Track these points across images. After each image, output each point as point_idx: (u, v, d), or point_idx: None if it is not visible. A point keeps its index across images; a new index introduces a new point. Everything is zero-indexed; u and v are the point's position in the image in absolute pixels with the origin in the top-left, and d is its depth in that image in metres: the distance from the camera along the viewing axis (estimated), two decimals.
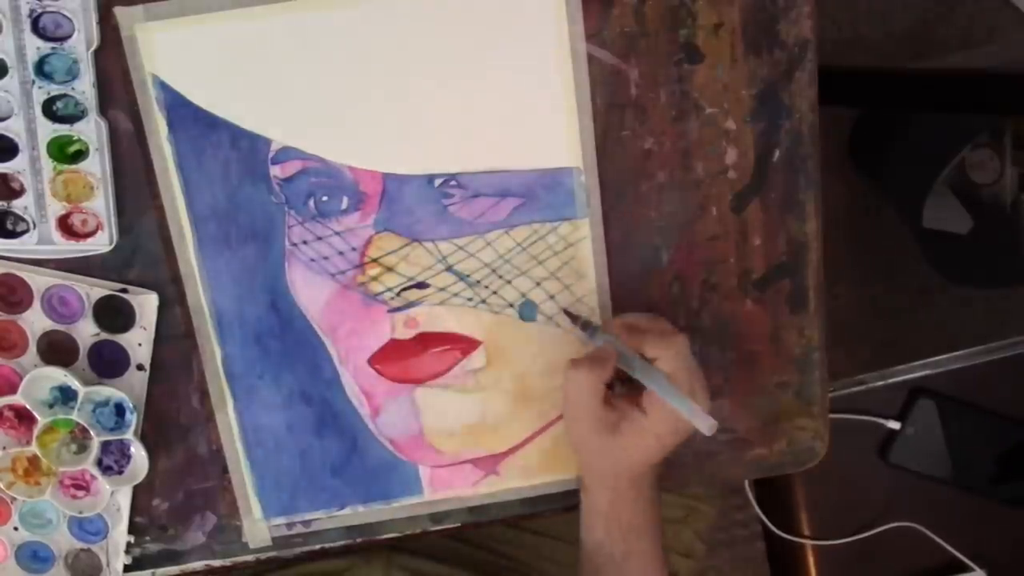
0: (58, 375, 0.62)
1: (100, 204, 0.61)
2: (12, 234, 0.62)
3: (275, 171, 0.62)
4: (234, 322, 0.64)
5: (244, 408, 0.66)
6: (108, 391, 0.63)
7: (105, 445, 0.64)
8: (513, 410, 0.66)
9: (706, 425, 0.57)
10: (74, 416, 0.62)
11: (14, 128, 0.59)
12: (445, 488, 0.68)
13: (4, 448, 0.63)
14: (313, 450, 0.66)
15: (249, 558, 0.69)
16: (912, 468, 0.96)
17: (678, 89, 0.62)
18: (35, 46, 0.58)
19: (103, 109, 0.60)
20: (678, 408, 0.58)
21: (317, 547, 0.69)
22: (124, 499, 0.66)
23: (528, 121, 0.62)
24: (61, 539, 0.66)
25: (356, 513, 0.68)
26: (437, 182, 0.62)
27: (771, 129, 0.63)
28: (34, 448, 0.63)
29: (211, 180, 0.62)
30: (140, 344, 0.63)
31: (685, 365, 0.59)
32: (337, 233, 0.63)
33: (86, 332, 0.63)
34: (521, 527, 0.80)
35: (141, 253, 0.63)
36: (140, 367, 0.64)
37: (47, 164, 0.60)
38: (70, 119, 0.59)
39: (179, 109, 0.60)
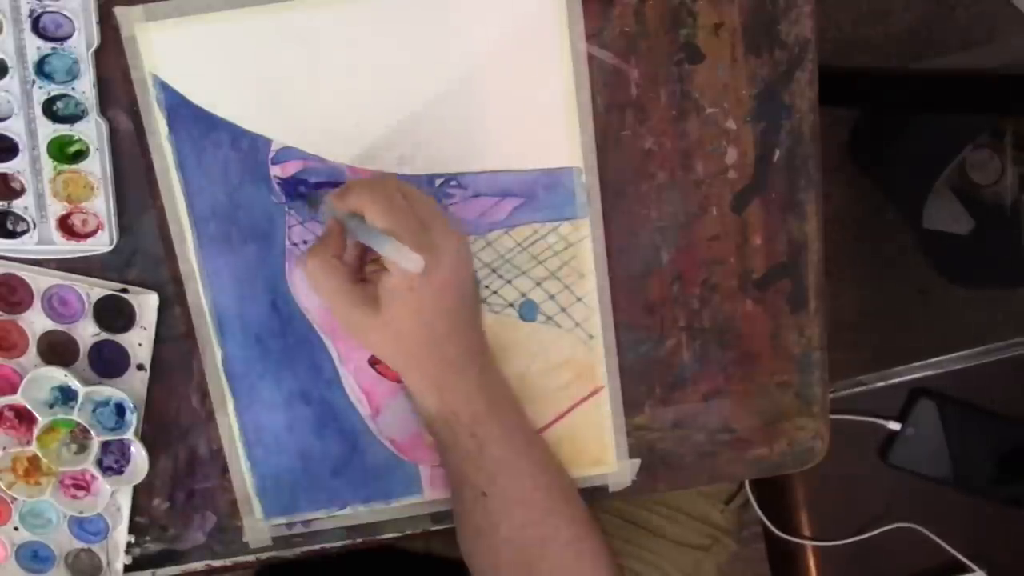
0: (58, 375, 0.62)
1: (100, 204, 0.61)
2: (12, 234, 0.62)
3: (275, 171, 0.62)
4: (234, 322, 0.64)
5: (244, 408, 0.66)
6: (108, 391, 0.63)
7: (105, 445, 0.64)
8: None
9: (410, 262, 0.53)
10: (74, 416, 0.62)
11: (14, 128, 0.59)
12: (445, 488, 0.67)
13: (4, 448, 0.63)
14: (313, 450, 0.66)
15: (249, 558, 0.69)
16: (912, 469, 0.96)
17: (678, 89, 0.62)
18: (35, 46, 0.58)
19: (103, 109, 0.60)
20: (385, 253, 0.54)
21: (317, 547, 0.69)
22: (124, 499, 0.66)
23: (528, 121, 0.62)
24: (61, 539, 0.66)
25: (356, 513, 0.68)
26: (437, 182, 0.62)
27: (771, 129, 0.63)
28: (34, 448, 0.63)
29: (211, 180, 0.62)
30: (140, 344, 0.63)
31: (388, 207, 0.54)
32: None
33: (86, 332, 0.63)
34: None
35: (141, 253, 0.63)
36: (140, 367, 0.64)
37: (47, 164, 0.60)
38: (70, 119, 0.59)
39: (179, 109, 0.60)
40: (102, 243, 0.61)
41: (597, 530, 0.63)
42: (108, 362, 0.64)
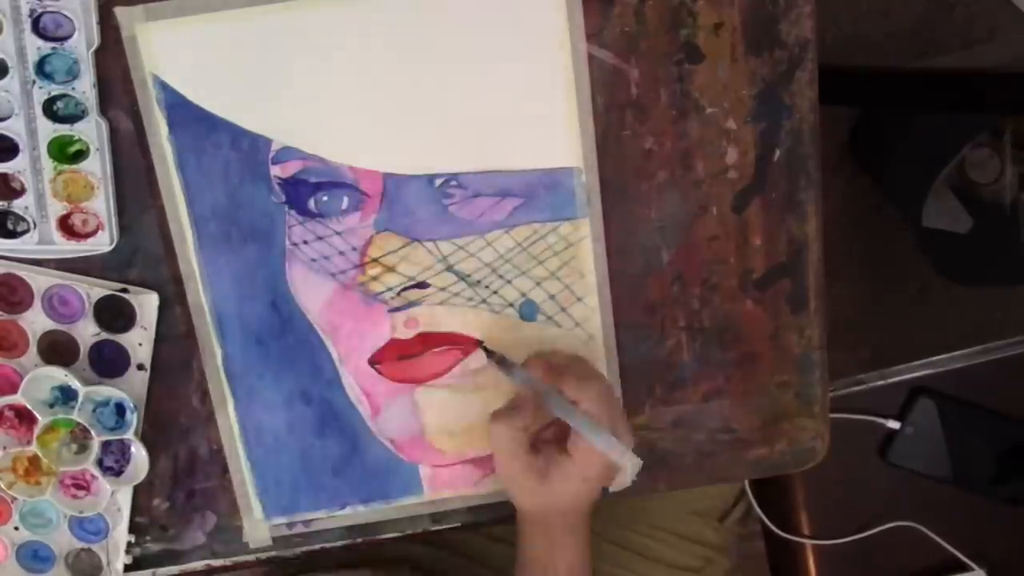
0: (59, 375, 0.62)
1: (100, 204, 0.61)
2: (12, 234, 0.62)
3: (275, 171, 0.62)
4: (234, 322, 0.64)
5: (244, 408, 0.66)
6: (108, 391, 0.63)
7: (105, 445, 0.64)
8: None
9: (631, 463, 0.56)
10: (74, 416, 0.62)
11: (14, 128, 0.59)
12: (445, 488, 0.68)
13: (4, 448, 0.63)
14: (313, 450, 0.66)
15: (249, 558, 0.69)
16: (912, 468, 0.96)
17: (678, 89, 0.62)
18: (35, 46, 0.58)
19: (103, 109, 0.60)
20: (601, 446, 0.56)
21: (317, 547, 0.69)
22: (124, 499, 0.66)
23: (528, 121, 0.62)
24: (61, 539, 0.66)
25: (356, 513, 0.68)
26: (437, 182, 0.62)
27: (771, 129, 0.63)
28: (34, 448, 0.63)
29: (211, 180, 0.62)
30: (140, 344, 0.63)
31: (606, 403, 0.58)
32: (337, 233, 0.63)
33: (86, 332, 0.63)
34: None
35: (141, 253, 0.63)
36: (140, 367, 0.64)
37: (47, 164, 0.60)
38: (70, 119, 0.59)
39: (179, 109, 0.60)
40: (102, 243, 0.61)
41: None
42: (108, 362, 0.64)
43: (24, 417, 0.63)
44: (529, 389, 0.60)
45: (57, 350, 0.63)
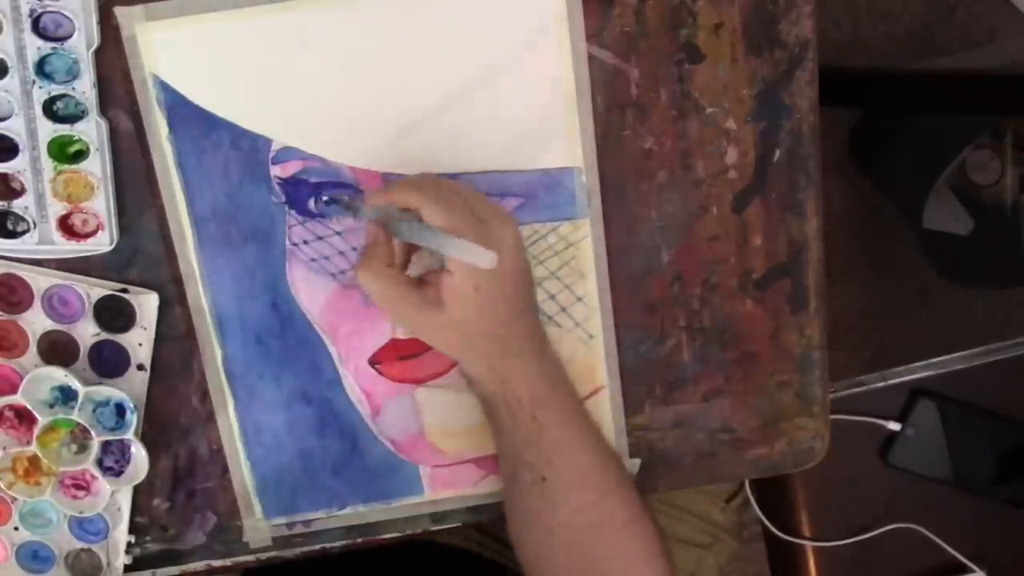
0: (58, 375, 0.62)
1: (100, 204, 0.61)
2: (12, 234, 0.62)
3: (275, 171, 0.62)
4: (234, 322, 0.64)
5: (244, 408, 0.66)
6: (108, 391, 0.63)
7: (105, 445, 0.64)
8: None
9: (484, 258, 0.53)
10: (74, 416, 0.62)
11: (14, 128, 0.59)
12: (446, 488, 0.68)
13: (4, 448, 0.63)
14: (314, 450, 0.66)
15: (250, 558, 0.69)
16: (912, 469, 0.96)
17: (679, 89, 0.62)
18: (35, 46, 0.58)
19: (103, 109, 0.60)
20: (449, 251, 0.53)
21: (317, 547, 0.69)
22: (124, 499, 0.66)
23: (528, 121, 0.62)
24: (61, 539, 0.66)
25: (356, 513, 0.68)
26: None
27: (771, 129, 0.63)
28: (34, 448, 0.63)
29: (211, 180, 0.62)
30: (140, 344, 0.63)
31: (446, 205, 0.54)
32: (337, 233, 0.63)
33: (86, 332, 0.63)
34: None
35: (141, 253, 0.63)
36: (140, 367, 0.64)
37: (47, 164, 0.60)
38: (70, 119, 0.59)
39: (179, 109, 0.60)
40: (102, 243, 0.61)
41: (648, 512, 0.63)
42: (108, 362, 0.64)
43: (24, 417, 0.63)
44: (373, 223, 0.57)
45: (57, 350, 0.63)
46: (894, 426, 0.95)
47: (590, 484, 0.61)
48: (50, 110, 0.59)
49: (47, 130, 0.59)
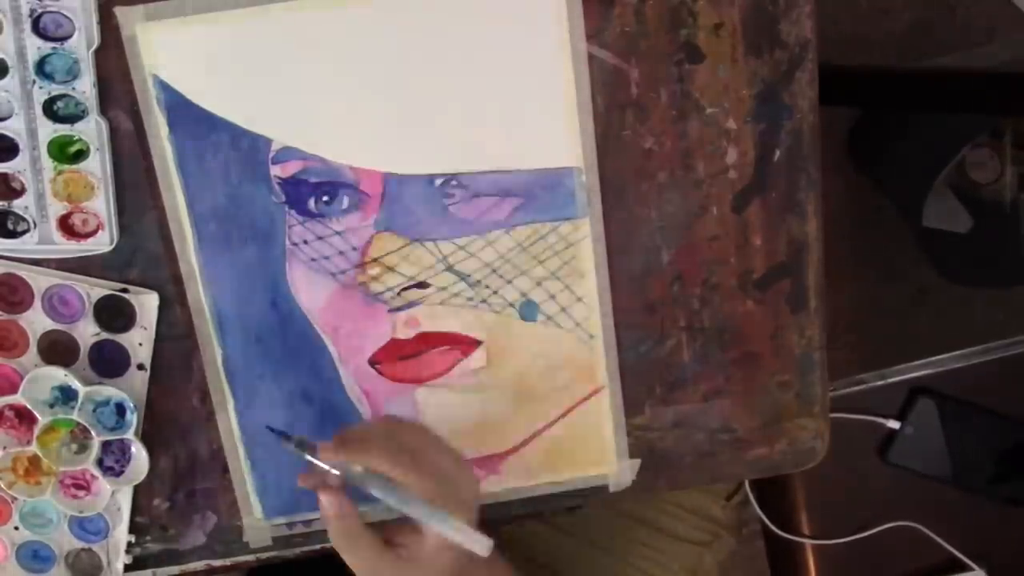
0: (59, 375, 0.62)
1: (100, 204, 0.61)
2: (13, 234, 0.62)
3: (275, 171, 0.62)
4: (235, 322, 0.64)
5: (244, 408, 0.66)
6: (108, 391, 0.63)
7: (105, 445, 0.64)
8: (514, 410, 0.66)
9: (481, 546, 0.51)
10: (74, 416, 0.62)
11: (14, 128, 0.59)
12: None
13: (5, 448, 0.63)
14: None
15: (249, 558, 0.69)
16: (912, 468, 0.96)
17: (679, 89, 0.62)
18: (35, 46, 0.58)
19: (103, 109, 0.60)
20: (443, 530, 0.51)
21: (317, 547, 0.69)
22: (124, 499, 0.66)
23: (528, 121, 0.62)
24: (62, 539, 0.66)
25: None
26: (438, 182, 0.62)
27: (772, 129, 0.63)
28: (35, 448, 0.63)
29: (211, 180, 0.62)
30: (140, 344, 0.63)
31: (411, 468, 0.51)
32: (338, 233, 0.63)
33: (87, 332, 0.63)
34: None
35: (141, 253, 0.63)
36: (140, 367, 0.64)
37: (48, 164, 0.60)
38: (71, 119, 0.59)
39: (179, 109, 0.60)
40: (102, 243, 0.61)
41: None
42: (108, 362, 0.64)
43: (24, 417, 0.63)
44: (328, 490, 0.54)
45: (57, 350, 0.63)
46: (893, 424, 0.95)
47: None
48: (50, 110, 0.59)
49: (47, 130, 0.59)
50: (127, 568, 0.67)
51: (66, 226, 0.61)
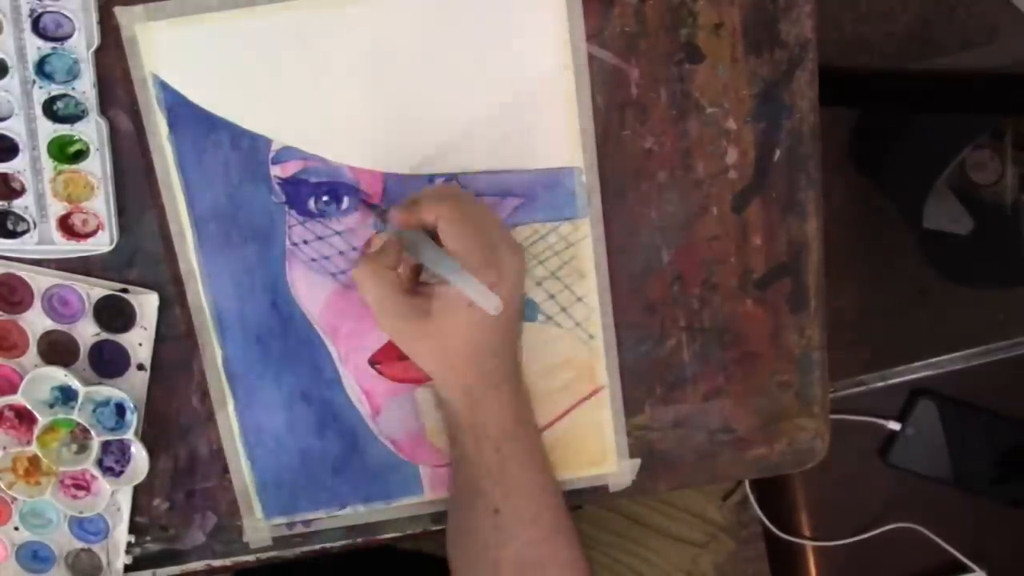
0: (58, 375, 0.62)
1: (100, 204, 0.61)
2: (12, 234, 0.62)
3: (275, 171, 0.62)
4: (235, 322, 0.64)
5: (244, 408, 0.66)
6: (108, 391, 0.63)
7: (105, 445, 0.64)
8: None
9: (490, 304, 0.54)
10: (74, 416, 0.62)
11: (14, 128, 0.59)
12: (446, 488, 0.67)
13: (4, 448, 0.63)
14: (314, 450, 0.66)
15: (250, 558, 0.69)
16: (912, 469, 0.96)
17: (679, 89, 0.62)
18: (35, 46, 0.58)
19: (103, 109, 0.60)
20: (458, 284, 0.54)
21: (318, 547, 0.69)
22: (124, 499, 0.66)
23: (528, 121, 0.62)
24: (61, 539, 0.66)
25: (356, 513, 0.68)
26: (437, 182, 0.62)
27: (772, 129, 0.63)
28: (34, 448, 0.63)
29: (211, 180, 0.62)
30: (140, 344, 0.63)
31: (461, 230, 0.55)
32: (338, 233, 0.63)
33: (86, 332, 0.63)
34: None
35: (141, 253, 0.63)
36: (140, 367, 0.64)
37: (47, 164, 0.60)
38: (71, 119, 0.59)
39: (179, 109, 0.60)
40: (102, 243, 0.61)
41: (585, 555, 0.63)
42: (108, 362, 0.64)
43: (24, 417, 0.63)
44: (396, 238, 0.58)
45: (57, 350, 0.63)
46: (894, 426, 0.95)
47: (542, 522, 0.61)
48: (50, 110, 0.59)
49: (47, 130, 0.59)
50: (127, 568, 0.67)
51: (66, 226, 0.61)
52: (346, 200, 0.62)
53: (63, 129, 0.59)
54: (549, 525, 0.61)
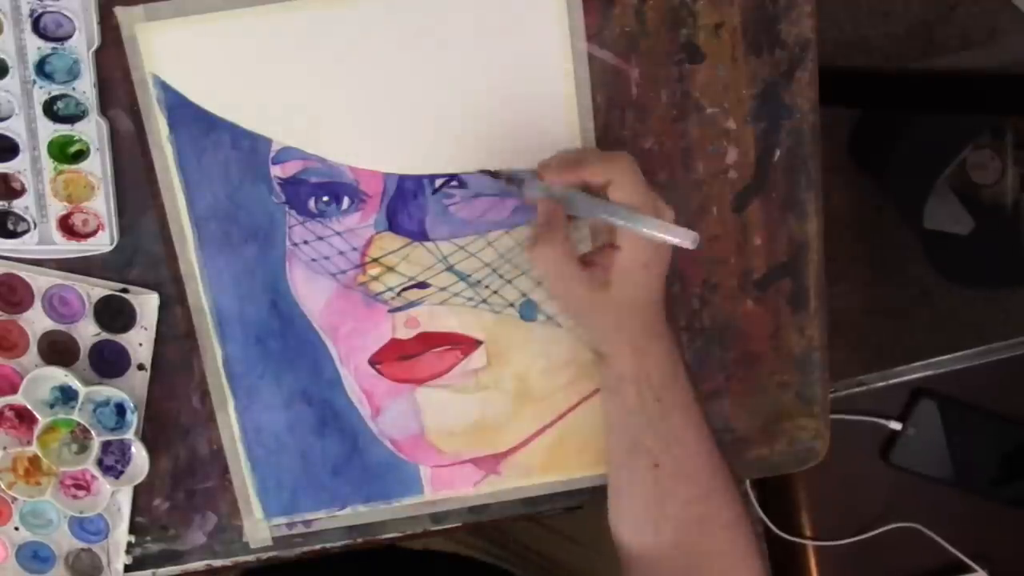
0: (59, 375, 0.62)
1: (101, 204, 0.61)
2: (13, 234, 0.62)
3: (276, 171, 0.62)
4: (235, 322, 0.64)
5: (245, 408, 0.66)
6: (109, 391, 0.63)
7: (106, 445, 0.64)
8: (514, 410, 0.66)
9: (688, 237, 0.53)
10: (75, 416, 0.62)
11: (15, 128, 0.59)
12: (446, 488, 0.68)
13: (5, 448, 0.63)
14: (314, 450, 0.66)
15: (250, 558, 0.69)
16: (913, 469, 0.96)
17: (679, 89, 0.62)
18: (36, 46, 0.58)
19: (104, 109, 0.60)
20: (648, 231, 0.53)
21: (318, 547, 0.69)
22: (125, 499, 0.66)
23: (528, 121, 0.62)
24: (62, 539, 0.66)
25: (357, 513, 0.68)
26: (438, 182, 0.62)
27: (772, 129, 0.63)
28: (35, 448, 0.63)
29: (212, 180, 0.62)
30: (141, 344, 0.63)
31: (637, 182, 0.54)
32: (338, 233, 0.63)
33: (87, 332, 0.63)
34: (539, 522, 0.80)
35: (142, 253, 0.63)
36: (141, 367, 0.64)
37: (48, 164, 0.60)
38: (71, 119, 0.59)
39: (179, 109, 0.60)
40: (102, 243, 0.61)
41: (749, 517, 0.62)
42: (108, 362, 0.64)
43: (24, 417, 0.63)
44: (550, 199, 0.56)
45: (57, 350, 0.63)
46: (895, 426, 0.95)
47: (701, 478, 0.60)
48: (50, 110, 0.59)
49: (47, 130, 0.59)
50: (127, 568, 0.67)
51: (66, 226, 0.61)
52: (346, 200, 0.62)
53: (63, 129, 0.59)
54: (707, 483, 0.60)
